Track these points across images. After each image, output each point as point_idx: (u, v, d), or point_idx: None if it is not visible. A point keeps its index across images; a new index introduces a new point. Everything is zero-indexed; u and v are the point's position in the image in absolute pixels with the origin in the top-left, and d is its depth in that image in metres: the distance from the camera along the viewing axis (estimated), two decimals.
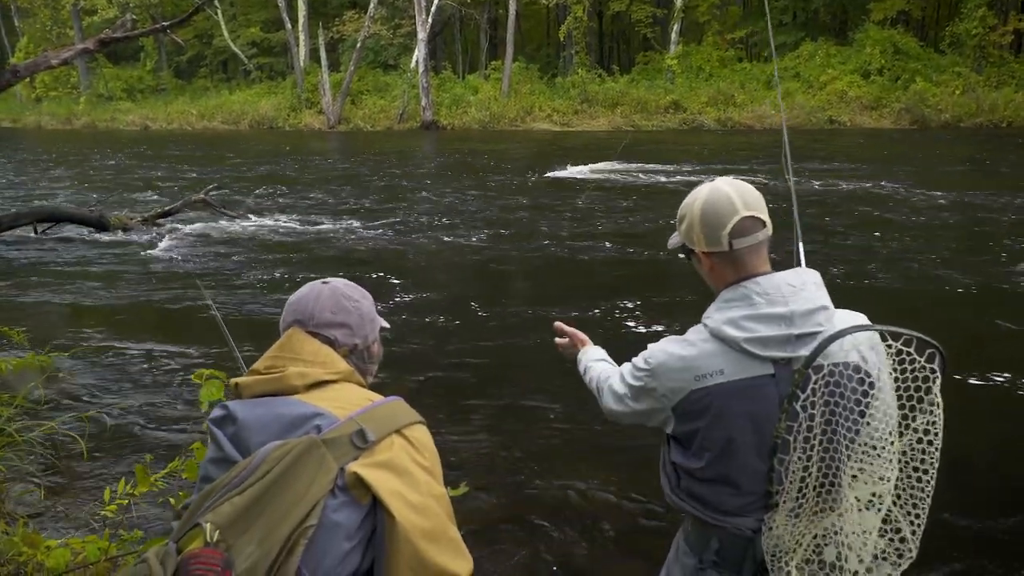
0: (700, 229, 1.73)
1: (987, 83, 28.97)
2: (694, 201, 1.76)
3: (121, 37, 9.57)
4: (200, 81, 44.29)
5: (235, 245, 10.73)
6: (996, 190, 13.89)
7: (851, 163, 18.36)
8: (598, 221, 12.03)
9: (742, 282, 1.70)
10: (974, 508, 3.99)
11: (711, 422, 1.69)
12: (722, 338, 1.67)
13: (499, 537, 3.75)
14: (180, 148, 26.44)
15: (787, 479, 1.64)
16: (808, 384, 1.59)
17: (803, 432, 1.60)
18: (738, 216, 1.68)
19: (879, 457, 1.59)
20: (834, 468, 1.63)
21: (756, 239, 1.70)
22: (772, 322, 1.64)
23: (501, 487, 4.20)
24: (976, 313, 7.31)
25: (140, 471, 2.81)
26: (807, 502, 1.65)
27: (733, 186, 1.73)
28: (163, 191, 16.03)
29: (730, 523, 1.75)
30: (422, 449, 1.46)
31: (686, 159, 19.96)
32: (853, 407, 1.60)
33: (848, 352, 1.62)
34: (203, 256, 10.04)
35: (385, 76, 36.95)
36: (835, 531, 1.64)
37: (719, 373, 1.66)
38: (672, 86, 32.94)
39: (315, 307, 1.58)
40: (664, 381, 1.73)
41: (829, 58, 32.04)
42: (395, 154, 23.63)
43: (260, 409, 1.45)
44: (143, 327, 7.08)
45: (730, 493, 1.74)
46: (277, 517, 1.31)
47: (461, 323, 7.12)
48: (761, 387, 1.65)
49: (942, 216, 11.87)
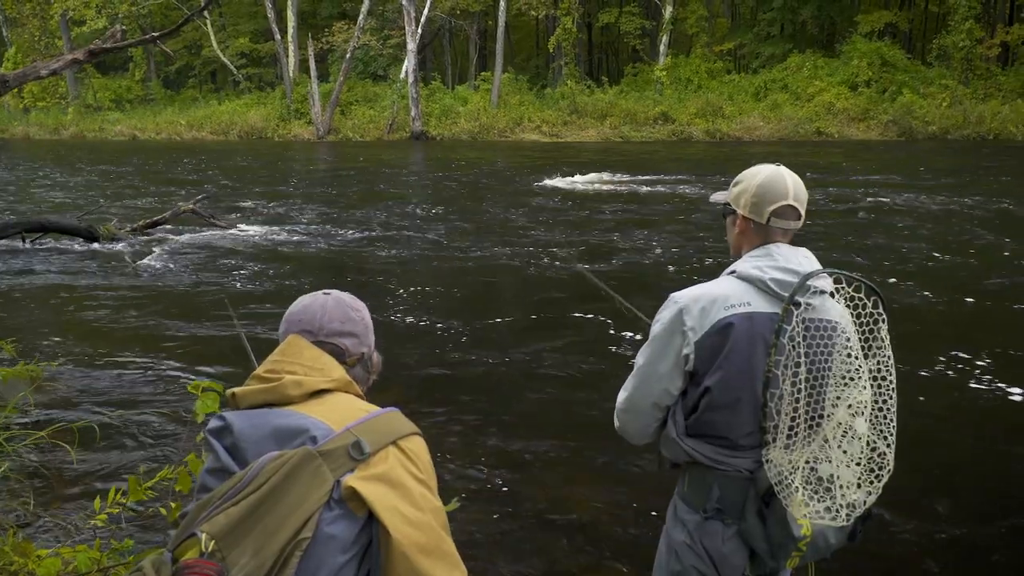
0: (750, 198, 1.99)
1: (974, 95, 29.27)
2: (756, 173, 2.01)
3: (110, 48, 9.54)
4: (189, 91, 44.22)
5: (225, 255, 10.70)
6: (980, 200, 14.02)
7: (837, 174, 18.50)
8: (589, 231, 12.07)
9: (766, 245, 1.99)
10: (963, 512, 4.01)
11: (733, 346, 1.89)
12: (748, 279, 1.94)
13: (493, 550, 3.74)
14: (169, 158, 26.36)
15: (779, 414, 1.83)
16: (791, 318, 1.82)
17: (791, 366, 1.82)
18: (786, 201, 1.96)
19: (853, 381, 1.81)
20: (818, 398, 1.84)
21: (789, 225, 1.99)
22: (789, 273, 1.92)
23: (496, 499, 4.19)
24: (956, 317, 7.37)
25: (132, 481, 2.80)
26: (799, 433, 1.83)
27: (792, 177, 1.99)
28: (152, 201, 15.98)
29: (731, 464, 1.92)
30: (418, 461, 1.46)
31: (675, 170, 20.06)
32: (828, 343, 1.84)
33: (828, 311, 1.88)
34: (193, 265, 10.01)
35: (375, 87, 37.00)
36: (826, 454, 1.81)
37: (747, 304, 1.91)
38: (661, 97, 33.12)
39: (323, 318, 1.60)
40: (693, 313, 1.93)
41: (817, 70, 32.31)
42: (384, 164, 23.64)
43: (256, 420, 1.45)
44: (133, 336, 7.04)
45: (739, 421, 1.91)
46: (272, 529, 1.31)
47: (454, 333, 7.11)
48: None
49: (924, 225, 11.97)
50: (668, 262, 9.87)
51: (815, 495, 1.80)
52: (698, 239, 11.27)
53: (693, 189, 16.50)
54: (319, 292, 1.67)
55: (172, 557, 1.33)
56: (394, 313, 7.78)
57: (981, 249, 10.29)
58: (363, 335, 1.64)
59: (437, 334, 7.09)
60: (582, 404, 5.41)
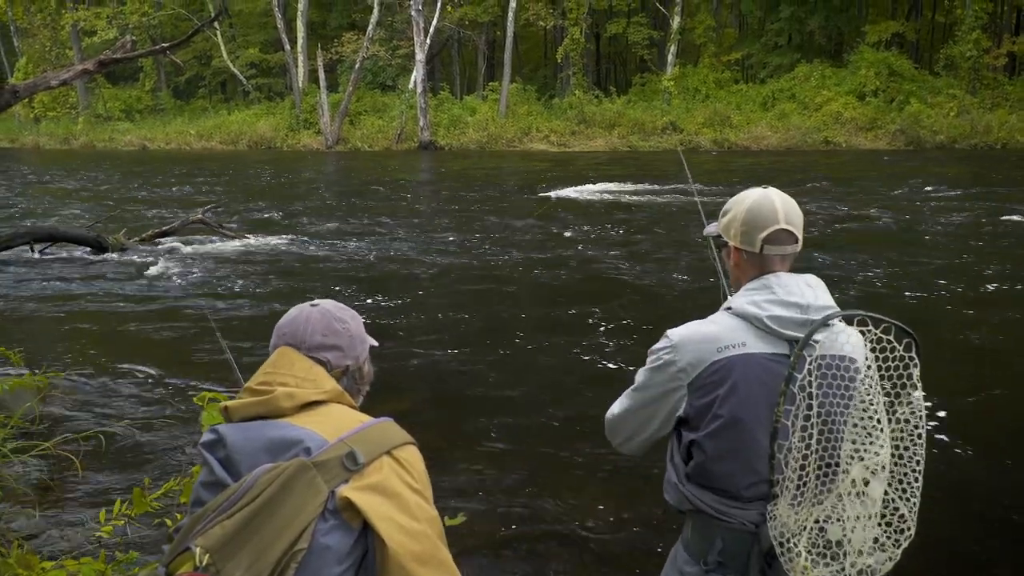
0: (740, 227, 1.87)
1: (981, 105, 29.17)
2: (743, 200, 1.89)
3: (121, 58, 9.61)
4: (199, 101, 44.42)
5: (234, 264, 10.74)
6: (986, 209, 13.97)
7: (841, 184, 18.45)
8: (597, 241, 12.06)
9: (765, 276, 1.84)
10: (967, 525, 3.98)
11: (728, 392, 1.76)
12: (744, 316, 1.80)
13: (495, 560, 3.73)
14: (178, 168, 26.49)
15: (787, 467, 1.70)
16: (803, 366, 1.68)
17: (802, 414, 1.68)
18: (777, 226, 1.83)
19: (871, 436, 1.67)
20: (832, 451, 1.71)
21: (785, 251, 1.85)
22: (790, 307, 1.77)
23: (497, 509, 4.18)
24: (962, 329, 7.33)
25: (137, 493, 2.79)
26: (808, 488, 1.70)
27: (781, 198, 1.86)
28: (162, 211, 16.05)
29: (735, 517, 1.78)
30: (412, 471, 1.46)
31: (682, 180, 20.03)
32: (846, 388, 1.70)
33: (841, 346, 1.74)
34: (202, 275, 10.04)
35: (383, 97, 37.12)
36: (837, 514, 1.69)
37: (741, 345, 1.78)
38: (669, 107, 33.11)
39: (306, 331, 1.58)
40: (685, 353, 1.81)
41: (824, 80, 32.26)
42: (393, 174, 23.70)
43: (250, 432, 1.45)
44: (141, 347, 7.07)
45: (740, 470, 1.78)
46: (267, 541, 1.31)
47: (458, 343, 7.11)
48: (778, 364, 1.75)
49: (930, 234, 11.92)
50: (674, 272, 9.85)
51: (822, 559, 1.68)
52: (701, 248, 11.24)
53: (701, 199, 16.45)
54: (307, 303, 1.65)
55: (166, 572, 1.33)
56: (400, 322, 7.79)
57: (984, 260, 10.24)
58: (348, 347, 1.61)
59: (439, 342, 7.09)
60: (590, 415, 5.39)
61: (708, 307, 1.97)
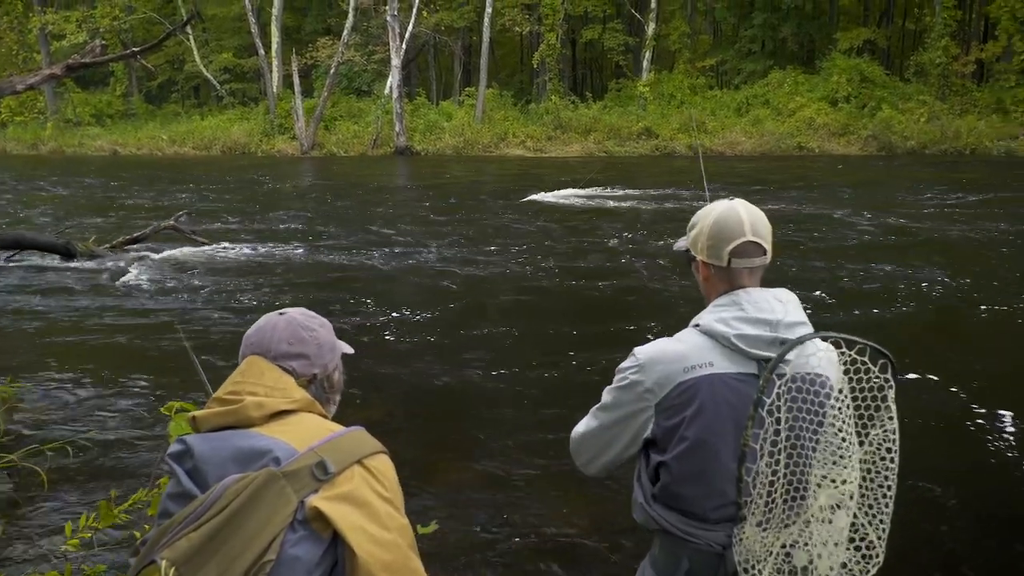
0: (706, 241, 1.84)
1: (951, 111, 29.65)
2: (708, 213, 1.86)
3: (90, 63, 9.45)
4: (171, 106, 44.00)
5: (206, 272, 10.60)
6: (955, 214, 14.17)
7: (814, 189, 18.64)
8: (573, 246, 12.06)
9: (734, 291, 1.81)
10: (935, 525, 4.00)
11: (695, 413, 1.73)
12: (712, 334, 1.76)
13: (468, 569, 3.68)
14: (150, 174, 26.18)
15: (755, 489, 1.67)
16: (772, 389, 1.64)
17: (770, 438, 1.64)
18: (744, 239, 1.79)
19: (841, 462, 1.63)
20: (800, 475, 1.68)
21: (753, 263, 1.81)
22: (759, 325, 1.74)
23: (470, 518, 4.14)
24: (932, 333, 7.40)
25: (103, 505, 2.73)
26: (775, 511, 1.68)
27: (747, 210, 1.83)
28: (132, 217, 15.83)
29: (702, 538, 1.75)
30: (383, 480, 1.44)
31: (658, 185, 20.13)
32: (816, 412, 1.66)
33: (810, 361, 1.68)
34: (173, 283, 9.90)
35: (359, 102, 36.99)
36: (804, 539, 1.67)
37: (708, 365, 1.74)
38: (644, 113, 33.31)
39: (272, 339, 1.57)
40: (652, 373, 1.78)
41: (797, 86, 32.64)
42: (369, 179, 23.60)
43: (217, 443, 1.43)
44: (110, 356, 6.94)
45: (706, 493, 1.75)
46: (235, 553, 1.29)
47: (432, 349, 7.06)
48: (745, 384, 1.72)
49: (897, 237, 12.06)
50: (650, 277, 9.87)
51: None
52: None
53: (676, 204, 16.56)
54: (275, 312, 1.64)
55: None
56: (375, 329, 7.72)
57: (955, 262, 10.37)
58: (314, 356, 1.59)
59: (414, 349, 7.04)
60: (567, 422, 5.36)
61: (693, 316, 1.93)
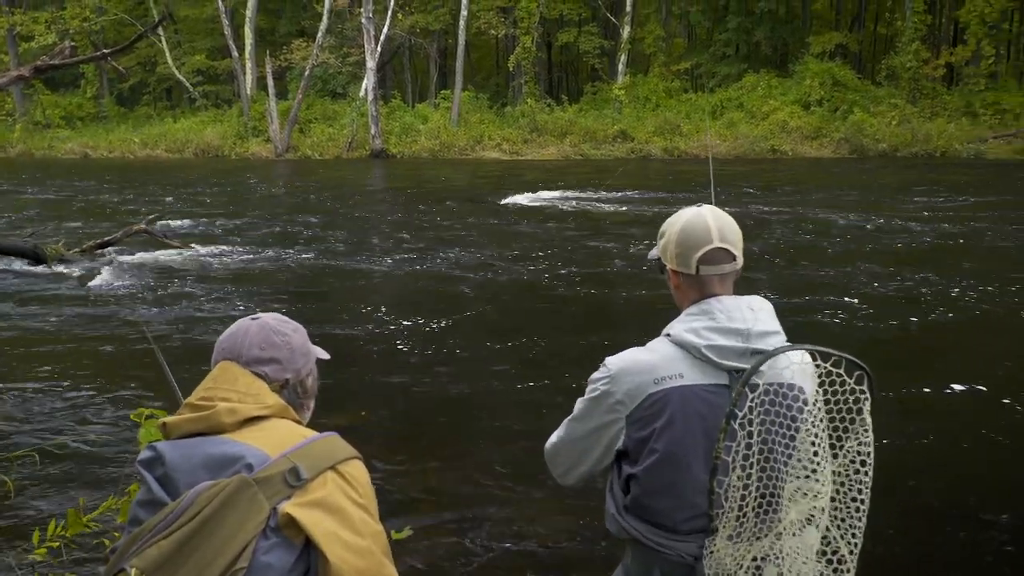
0: (674, 249, 1.83)
1: (921, 114, 30.09)
2: (676, 221, 1.85)
3: (59, 64, 9.33)
4: (143, 109, 43.55)
5: (178, 276, 10.46)
6: (922, 215, 14.36)
7: (788, 191, 18.81)
8: (548, 249, 12.06)
9: (705, 299, 1.79)
10: (906, 529, 4.03)
11: (666, 424, 1.72)
12: (683, 345, 1.75)
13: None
14: (121, 177, 25.87)
15: (726, 502, 1.65)
16: (745, 402, 1.62)
17: (741, 451, 1.62)
18: (711, 245, 1.78)
19: (814, 476, 1.62)
20: (772, 488, 1.67)
21: (722, 270, 1.79)
22: (730, 335, 1.72)
23: (445, 523, 4.11)
24: (903, 336, 7.48)
25: (72, 513, 2.69)
26: (747, 524, 1.67)
27: (714, 216, 1.81)
28: (103, 221, 15.61)
29: (673, 549, 1.74)
30: (357, 485, 1.43)
31: (633, 187, 20.22)
32: (789, 424, 1.65)
33: (783, 372, 1.66)
34: (144, 288, 9.76)
35: (334, 104, 36.81)
36: (775, 552, 1.66)
37: (679, 376, 1.73)
38: (619, 116, 33.47)
39: (243, 344, 1.55)
40: (623, 385, 1.76)
41: (771, 89, 32.98)
42: (344, 182, 23.48)
43: (189, 449, 1.41)
44: (80, 363, 6.81)
45: (676, 505, 1.74)
46: (205, 561, 1.27)
47: (407, 353, 7.02)
48: (716, 395, 1.71)
49: (870, 240, 12.19)
50: (626, 279, 9.90)
51: None
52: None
53: (651, 207, 16.63)
54: (248, 317, 1.62)
55: None
56: (349, 333, 7.66)
57: (922, 264, 10.50)
58: (286, 361, 1.57)
59: (388, 353, 7.00)
60: (543, 425, 5.34)
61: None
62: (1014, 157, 26.80)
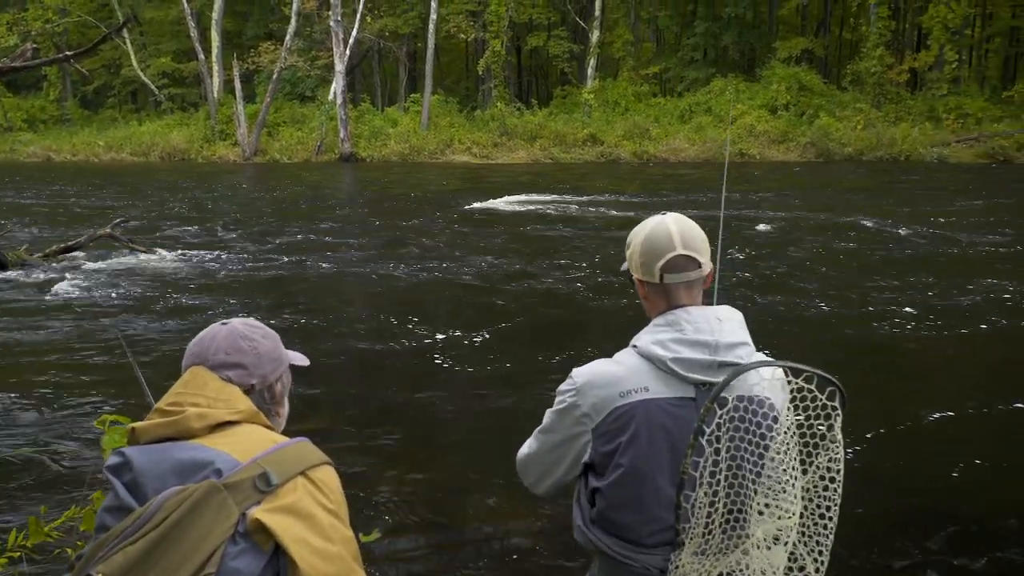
0: (638, 258, 1.82)
1: (886, 119, 30.61)
2: (640, 231, 1.84)
3: (20, 67, 9.16)
4: (108, 111, 42.93)
5: (144, 281, 10.30)
6: (888, 218, 14.59)
7: (758, 194, 19.01)
8: (518, 253, 12.07)
9: (673, 310, 1.77)
10: (874, 545, 4.07)
11: (631, 438, 1.70)
12: (649, 357, 1.73)
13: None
14: (86, 181, 25.45)
15: (693, 516, 1.64)
16: (713, 418, 1.60)
17: (709, 467, 1.61)
18: (673, 253, 1.76)
19: (783, 493, 1.61)
20: (740, 504, 1.66)
21: (687, 277, 1.78)
22: (697, 347, 1.70)
23: (427, 527, 4.08)
24: (869, 343, 7.58)
25: (33, 522, 2.63)
26: (713, 539, 1.66)
27: (677, 224, 1.80)
28: (67, 226, 15.33)
29: (639, 561, 1.74)
30: (327, 491, 1.41)
31: (603, 191, 20.31)
32: (758, 442, 1.63)
33: (753, 387, 1.66)
34: (110, 293, 9.60)
35: (302, 108, 36.56)
36: (741, 568, 1.65)
37: (644, 390, 1.71)
38: (589, 120, 33.62)
39: (210, 349, 1.55)
40: (589, 398, 1.75)
41: (739, 94, 33.31)
42: (313, 186, 23.30)
43: (157, 455, 1.39)
44: (44, 369, 6.67)
45: (642, 519, 1.73)
46: (173, 566, 1.26)
47: (378, 358, 6.98)
48: (682, 408, 1.69)
49: (835, 244, 12.36)
50: (598, 287, 9.92)
51: None
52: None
53: (621, 211, 16.71)
54: (219, 322, 1.62)
55: None
56: (319, 338, 7.59)
57: (887, 269, 10.66)
58: (252, 366, 1.56)
59: (359, 358, 6.95)
60: (514, 429, 5.33)
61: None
62: (976, 161, 27.35)
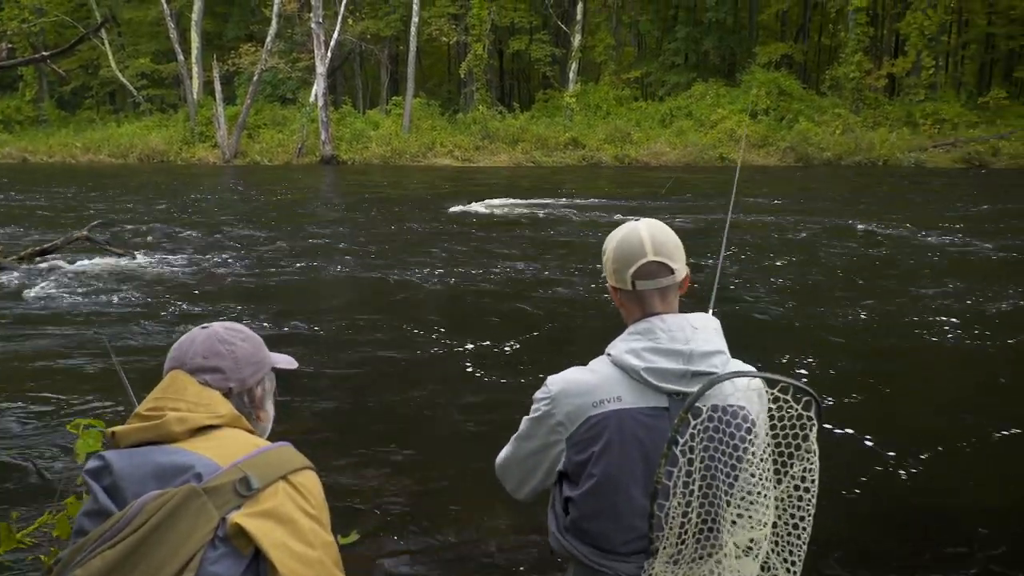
0: (611, 265, 1.81)
1: (864, 123, 30.97)
2: (613, 237, 1.83)
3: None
4: (85, 112, 42.52)
5: (121, 284, 10.18)
6: (867, 221, 14.73)
7: (748, 199, 19.13)
8: (498, 256, 12.05)
9: (648, 318, 1.76)
10: (849, 551, 4.08)
11: (603, 448, 1.70)
12: (622, 367, 1.72)
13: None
14: (62, 182, 25.15)
15: (667, 525, 1.63)
16: (687, 429, 1.59)
17: (682, 477, 1.61)
18: (645, 259, 1.75)
19: (757, 502, 1.60)
20: (713, 514, 1.66)
21: (659, 284, 1.76)
22: (671, 356, 1.69)
23: (408, 530, 4.05)
24: (848, 350, 7.63)
25: (4, 528, 2.59)
26: (686, 548, 1.65)
27: (649, 230, 1.79)
28: (42, 228, 15.12)
29: (613, 569, 1.74)
30: (308, 496, 1.41)
31: (585, 194, 20.35)
32: (732, 452, 1.62)
33: (728, 397, 1.66)
34: (86, 296, 9.47)
35: (283, 110, 36.39)
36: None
37: (617, 399, 1.70)
38: (571, 123, 33.75)
39: (188, 353, 1.54)
40: (563, 407, 1.74)
41: (719, 98, 33.59)
42: (294, 189, 23.18)
43: (137, 459, 1.38)
44: (17, 373, 6.56)
45: (614, 529, 1.73)
46: (152, 570, 1.25)
47: (359, 361, 6.93)
48: (655, 418, 1.69)
49: (817, 248, 12.46)
50: (573, 286, 9.93)
51: None
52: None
53: (602, 214, 16.75)
54: (200, 326, 1.61)
55: None
56: (298, 341, 7.53)
57: (869, 273, 10.74)
58: (230, 370, 1.55)
59: (339, 361, 6.90)
60: (497, 432, 5.30)
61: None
62: (952, 166, 27.70)
